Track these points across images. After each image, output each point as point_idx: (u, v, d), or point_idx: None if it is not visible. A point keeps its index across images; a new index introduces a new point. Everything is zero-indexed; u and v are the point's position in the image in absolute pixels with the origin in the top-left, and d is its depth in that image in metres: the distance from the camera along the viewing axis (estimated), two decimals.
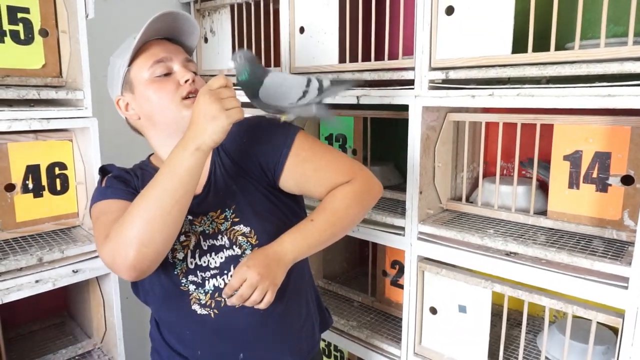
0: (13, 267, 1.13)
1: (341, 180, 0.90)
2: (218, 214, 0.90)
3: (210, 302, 0.90)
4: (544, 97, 1.02)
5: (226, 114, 0.74)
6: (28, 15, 1.20)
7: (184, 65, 0.91)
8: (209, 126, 0.74)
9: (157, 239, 0.76)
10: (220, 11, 1.75)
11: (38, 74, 1.24)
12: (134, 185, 0.93)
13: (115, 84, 0.93)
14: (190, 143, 0.75)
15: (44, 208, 1.30)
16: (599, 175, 1.11)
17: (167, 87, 0.88)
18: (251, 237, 0.89)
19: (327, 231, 0.87)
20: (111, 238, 0.78)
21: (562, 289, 1.02)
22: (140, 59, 0.90)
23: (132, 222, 0.76)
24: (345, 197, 0.88)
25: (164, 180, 0.76)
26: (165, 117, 0.89)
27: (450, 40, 1.14)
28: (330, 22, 1.38)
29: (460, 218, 1.30)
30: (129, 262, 0.76)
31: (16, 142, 1.22)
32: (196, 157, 0.75)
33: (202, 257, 0.90)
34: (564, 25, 1.14)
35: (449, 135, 1.34)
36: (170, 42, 0.94)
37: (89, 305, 1.41)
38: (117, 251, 0.76)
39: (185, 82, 0.88)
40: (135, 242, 0.75)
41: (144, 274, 0.80)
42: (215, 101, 0.74)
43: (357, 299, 1.67)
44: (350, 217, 0.89)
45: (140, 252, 0.75)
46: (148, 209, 0.75)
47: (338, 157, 0.94)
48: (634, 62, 0.91)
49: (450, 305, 1.23)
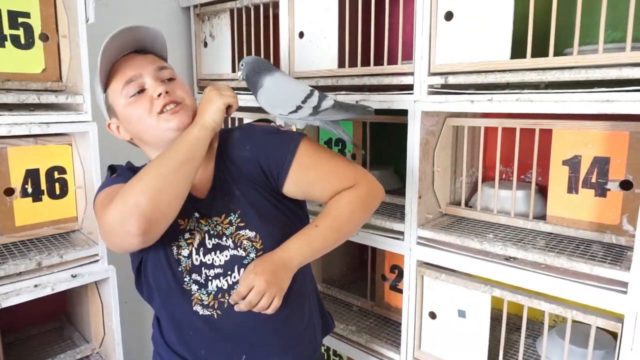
0: (12, 272, 1.13)
1: (345, 185, 0.92)
2: (223, 218, 0.91)
3: (214, 303, 0.91)
4: (542, 103, 1.02)
5: (220, 96, 0.88)
6: (28, 19, 1.21)
7: (155, 77, 0.90)
8: (209, 108, 0.87)
9: (168, 190, 0.79)
10: (220, 16, 1.76)
11: (38, 78, 1.24)
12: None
13: (103, 109, 0.96)
14: (196, 123, 0.87)
15: (43, 212, 1.29)
16: (597, 180, 1.11)
17: (141, 105, 0.88)
18: (256, 241, 0.90)
19: (332, 236, 0.89)
20: (119, 195, 0.79)
21: (562, 294, 1.02)
22: (113, 83, 0.90)
23: (145, 175, 0.80)
24: (349, 202, 0.90)
25: (176, 145, 0.84)
26: (148, 134, 0.91)
27: (450, 45, 1.15)
28: (330, 27, 1.39)
29: (460, 222, 1.30)
30: (141, 209, 0.76)
31: (16, 147, 1.22)
32: (202, 132, 0.86)
33: (207, 254, 0.91)
34: (563, 30, 1.14)
35: (448, 140, 1.34)
36: (138, 54, 0.93)
37: (87, 310, 1.41)
38: (127, 201, 0.77)
39: (158, 96, 0.88)
40: (148, 189, 0.77)
41: (152, 228, 0.78)
42: (213, 90, 0.89)
43: (356, 304, 1.67)
44: (354, 222, 0.92)
45: (152, 198, 0.77)
46: (161, 164, 0.81)
47: (341, 162, 0.95)
48: (632, 67, 0.91)
49: (450, 309, 1.23)
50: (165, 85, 0.90)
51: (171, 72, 0.94)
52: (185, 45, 1.92)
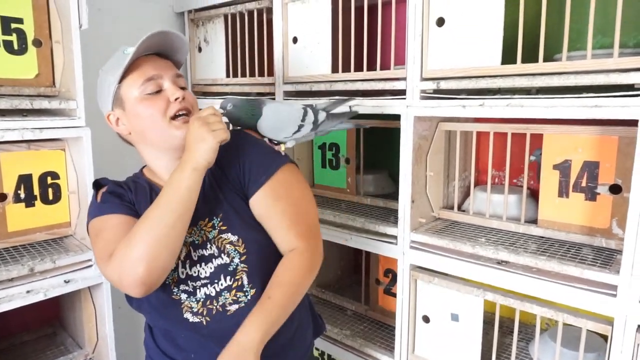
0: (4, 278, 1.13)
1: (295, 237, 0.91)
2: (206, 222, 0.92)
3: (202, 310, 0.92)
4: (533, 108, 1.03)
5: (213, 134, 0.84)
6: (22, 25, 1.21)
7: (174, 81, 0.92)
8: (200, 147, 0.84)
9: (164, 253, 0.81)
10: (214, 21, 1.77)
11: (31, 84, 1.24)
12: (128, 198, 0.94)
13: (106, 99, 0.94)
14: (186, 165, 0.84)
15: (35, 218, 1.29)
16: (587, 184, 1.12)
17: (157, 105, 0.89)
18: (239, 245, 0.91)
19: (287, 305, 0.89)
20: (117, 256, 0.81)
21: (553, 297, 1.03)
22: (131, 77, 0.90)
23: (139, 240, 0.81)
24: (300, 269, 0.90)
25: (167, 200, 0.83)
26: (155, 134, 0.91)
27: (441, 51, 1.16)
28: (323, 33, 1.40)
29: (452, 227, 1.31)
30: (138, 278, 0.79)
31: (8, 152, 1.22)
32: (193, 177, 0.84)
33: (193, 267, 0.92)
34: (553, 35, 1.16)
35: (441, 145, 1.35)
36: (159, 57, 0.95)
37: (80, 316, 1.40)
38: (125, 269, 0.80)
39: (175, 99, 0.90)
40: (144, 258, 0.79)
41: (152, 288, 0.83)
42: (203, 125, 0.84)
43: (350, 308, 1.67)
44: (304, 288, 0.92)
45: (149, 267, 0.80)
46: (154, 226, 0.81)
47: (306, 211, 0.95)
48: (620, 73, 0.93)
49: (443, 313, 1.24)
50: (182, 91, 0.91)
51: (185, 82, 0.96)
52: None
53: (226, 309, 0.91)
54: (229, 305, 0.91)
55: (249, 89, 1.67)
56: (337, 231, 1.44)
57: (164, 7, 1.86)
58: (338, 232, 1.43)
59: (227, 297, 0.91)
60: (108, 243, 0.85)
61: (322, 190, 1.70)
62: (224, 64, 1.74)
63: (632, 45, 1.21)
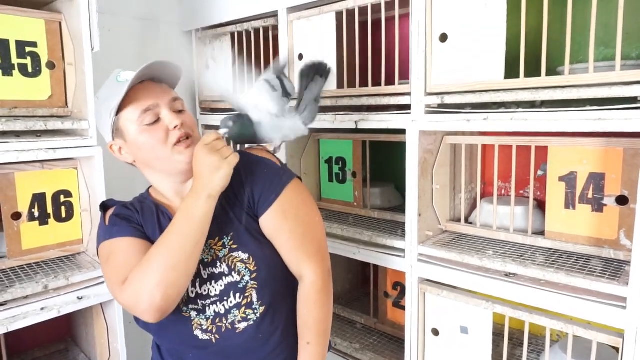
0: (19, 295, 1.15)
1: (304, 260, 0.94)
2: (216, 241, 0.93)
3: (212, 328, 0.92)
4: (536, 121, 1.04)
5: (226, 162, 0.86)
6: (36, 49, 1.25)
7: (171, 107, 0.92)
8: (215, 175, 0.85)
9: (181, 280, 0.83)
10: (221, 39, 1.80)
11: (45, 105, 1.27)
12: (136, 220, 0.95)
13: (106, 129, 0.94)
14: (202, 192, 0.85)
15: (49, 235, 1.32)
16: (594, 195, 1.13)
17: (157, 135, 0.89)
18: (250, 263, 0.92)
19: (326, 341, 0.95)
20: (132, 282, 0.82)
21: (562, 310, 1.03)
22: (128, 109, 0.90)
23: (155, 267, 0.81)
24: (321, 303, 0.94)
25: (183, 227, 0.84)
26: (159, 163, 0.92)
27: (445, 66, 1.18)
28: (328, 49, 1.42)
29: (460, 239, 1.32)
30: (155, 305, 0.80)
31: (23, 172, 1.25)
32: (209, 204, 0.86)
33: (202, 285, 0.92)
34: (556, 47, 1.17)
35: (447, 158, 1.37)
36: (154, 83, 0.94)
37: (92, 332, 1.42)
38: (141, 295, 0.81)
39: (174, 127, 0.90)
40: (161, 286, 0.80)
41: (166, 314, 0.84)
42: (213, 153, 0.86)
43: (359, 321, 1.67)
44: (330, 316, 0.97)
45: (166, 294, 0.81)
46: (171, 254, 0.82)
47: (314, 229, 0.97)
48: (622, 86, 0.94)
49: (452, 326, 1.24)
50: (179, 116, 0.91)
51: (182, 104, 0.95)
52: (188, 68, 1.96)
53: (235, 326, 0.92)
54: (237, 323, 0.92)
55: None
56: (345, 245, 1.45)
57: (172, 26, 1.91)
58: (346, 246, 1.44)
59: (237, 314, 0.92)
60: (119, 268, 0.86)
61: (329, 203, 1.71)
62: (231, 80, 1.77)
63: (635, 56, 1.22)
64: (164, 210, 0.96)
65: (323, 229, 1.00)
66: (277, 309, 0.95)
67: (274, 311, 0.94)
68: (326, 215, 1.64)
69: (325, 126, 1.44)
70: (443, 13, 1.16)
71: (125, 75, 0.90)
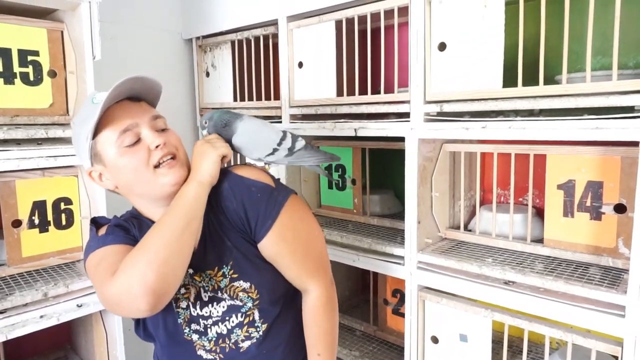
0: (19, 303, 1.15)
1: (307, 277, 0.93)
2: (216, 271, 0.90)
3: (215, 348, 0.92)
4: (535, 130, 1.05)
5: (214, 148, 0.89)
6: (37, 57, 1.25)
7: (152, 126, 0.87)
8: (204, 162, 0.87)
9: (173, 259, 0.78)
10: (222, 47, 1.81)
11: (46, 113, 1.28)
12: (133, 233, 0.91)
13: (83, 155, 0.88)
14: (192, 180, 0.86)
15: (49, 243, 1.32)
16: (592, 203, 1.13)
17: (138, 156, 0.84)
18: (251, 292, 0.90)
19: (334, 352, 0.97)
20: (124, 268, 0.76)
21: (561, 318, 1.03)
22: (106, 131, 0.84)
23: (148, 247, 0.77)
24: (327, 317, 0.96)
25: (175, 209, 0.83)
26: (142, 187, 0.87)
27: (444, 74, 1.19)
28: (328, 57, 1.43)
29: (459, 247, 1.32)
30: (149, 286, 0.74)
31: (24, 179, 1.25)
32: (199, 189, 0.85)
33: (204, 307, 0.91)
34: (554, 56, 1.18)
35: (446, 165, 1.37)
36: (132, 102, 0.89)
37: (92, 339, 1.42)
38: (133, 278, 0.74)
39: (156, 147, 0.85)
40: (154, 262, 0.75)
41: (161, 301, 0.77)
42: (205, 143, 0.90)
43: (359, 328, 1.67)
44: (336, 327, 0.99)
45: (159, 272, 0.75)
46: (163, 233, 0.79)
47: (314, 246, 0.96)
48: (619, 96, 0.94)
49: (451, 334, 1.24)
50: (162, 135, 0.87)
51: (164, 122, 0.91)
52: (188, 75, 1.97)
53: (239, 345, 0.91)
54: (241, 342, 0.91)
55: (255, 112, 1.70)
56: (344, 252, 1.45)
57: (173, 34, 1.92)
58: (345, 253, 1.45)
59: (239, 334, 0.91)
60: (111, 265, 0.79)
61: (329, 210, 1.72)
62: (231, 88, 1.79)
63: (632, 65, 1.23)
64: None
65: (323, 241, 0.99)
66: (280, 325, 0.94)
67: (277, 327, 0.94)
68: (326, 222, 1.65)
69: (324, 133, 1.45)
70: (442, 22, 1.17)
71: (100, 96, 0.84)
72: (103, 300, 0.81)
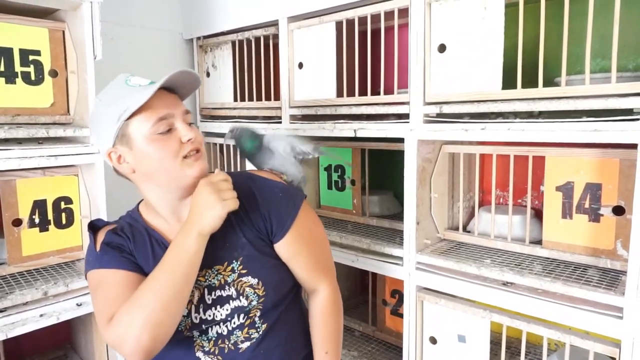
0: (19, 302, 1.16)
1: (319, 275, 0.97)
2: (225, 266, 0.91)
3: (214, 349, 0.92)
4: (534, 132, 1.05)
5: (222, 204, 0.83)
6: (39, 57, 1.26)
7: (184, 119, 0.89)
8: (208, 214, 0.83)
9: (168, 319, 0.80)
10: (222, 47, 1.82)
11: (47, 112, 1.29)
12: (127, 249, 0.90)
13: (108, 134, 0.87)
14: (192, 230, 0.84)
15: (49, 241, 1.32)
16: (591, 205, 1.13)
17: (169, 146, 0.86)
18: (259, 288, 0.91)
19: (340, 350, 0.99)
20: (118, 323, 0.79)
21: (559, 319, 1.04)
22: (142, 115, 0.85)
23: (143, 308, 0.78)
24: (336, 315, 0.99)
25: (172, 265, 0.82)
26: (166, 175, 0.88)
27: (443, 76, 1.19)
28: (328, 58, 1.44)
29: (458, 248, 1.32)
30: (141, 347, 0.77)
31: (24, 179, 1.26)
32: (198, 242, 0.84)
33: (207, 311, 0.91)
34: (553, 58, 1.19)
35: (445, 167, 1.37)
36: (167, 92, 0.90)
37: (91, 338, 1.42)
38: (127, 336, 0.77)
39: (188, 140, 0.87)
40: (148, 326, 0.77)
41: (154, 354, 0.80)
42: (214, 192, 0.84)
43: (358, 329, 1.67)
44: (342, 326, 1.02)
45: (153, 334, 0.78)
46: (159, 292, 0.79)
47: (325, 247, 1.01)
48: (618, 98, 0.95)
49: (450, 335, 1.24)
50: (191, 130, 0.89)
51: (191, 117, 0.93)
52: None
53: (238, 346, 0.91)
54: (240, 343, 0.91)
55: (256, 112, 1.71)
56: (343, 252, 1.45)
57: (174, 34, 1.93)
58: (345, 254, 1.45)
59: (239, 335, 0.91)
60: (108, 303, 0.82)
61: (328, 211, 1.72)
62: (232, 88, 1.79)
63: (631, 68, 1.23)
64: (158, 237, 0.92)
65: (329, 243, 1.04)
66: (279, 326, 0.95)
67: (276, 328, 0.94)
68: (325, 222, 1.65)
69: (324, 134, 1.46)
70: (441, 24, 1.18)
71: (135, 80, 0.86)
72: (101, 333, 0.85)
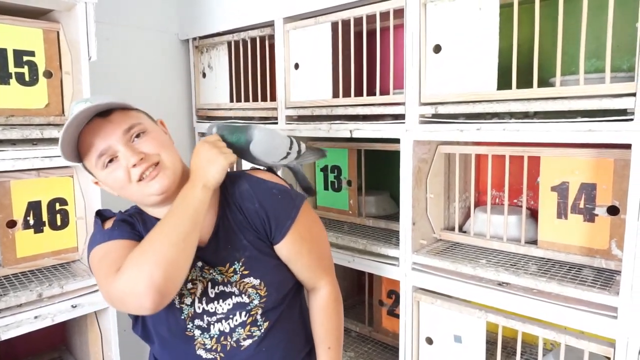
0: (13, 304, 1.15)
1: (320, 274, 0.99)
2: (227, 268, 0.91)
3: (216, 347, 0.92)
4: (529, 132, 1.06)
5: (223, 156, 0.88)
6: (33, 58, 1.25)
7: (126, 141, 0.85)
8: (212, 168, 0.86)
9: (181, 259, 0.79)
10: (218, 48, 1.82)
11: (41, 113, 1.28)
12: (138, 229, 0.92)
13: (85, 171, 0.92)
14: (197, 182, 0.85)
15: (44, 243, 1.32)
16: (585, 205, 1.14)
17: (119, 177, 0.85)
18: (261, 288, 0.91)
19: (341, 345, 1.03)
20: (129, 265, 0.77)
21: (554, 319, 1.04)
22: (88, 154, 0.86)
23: (155, 246, 0.77)
24: (337, 311, 1.01)
25: (181, 211, 0.82)
26: (133, 198, 0.89)
27: (439, 76, 1.19)
28: (324, 59, 1.44)
29: (454, 248, 1.32)
30: (156, 285, 0.74)
31: (19, 180, 1.25)
32: (204, 193, 0.85)
33: (209, 303, 0.91)
34: (548, 59, 1.19)
35: (441, 167, 1.38)
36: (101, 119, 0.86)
37: (86, 340, 1.41)
38: (139, 276, 0.75)
39: (133, 166, 0.84)
40: (162, 262, 0.75)
41: (165, 300, 0.77)
42: (213, 147, 0.88)
43: (354, 329, 1.67)
44: (343, 322, 1.05)
45: (166, 272, 0.75)
46: (170, 234, 0.79)
47: (325, 246, 1.03)
48: (612, 98, 0.95)
49: (446, 335, 1.24)
50: (138, 146, 0.86)
51: (140, 126, 0.87)
52: (185, 76, 1.97)
53: (240, 344, 0.92)
54: (242, 341, 0.92)
55: (252, 113, 1.71)
56: (340, 253, 1.45)
57: (170, 35, 1.92)
58: (341, 254, 1.45)
59: (241, 332, 0.91)
60: (116, 260, 0.80)
61: (324, 212, 1.72)
62: (228, 89, 1.79)
63: (625, 68, 1.24)
64: None
65: (328, 241, 1.05)
66: (281, 323, 0.95)
67: (278, 326, 0.94)
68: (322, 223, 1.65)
69: (320, 135, 1.46)
70: (437, 24, 1.18)
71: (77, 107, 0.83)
72: (106, 295, 0.81)
